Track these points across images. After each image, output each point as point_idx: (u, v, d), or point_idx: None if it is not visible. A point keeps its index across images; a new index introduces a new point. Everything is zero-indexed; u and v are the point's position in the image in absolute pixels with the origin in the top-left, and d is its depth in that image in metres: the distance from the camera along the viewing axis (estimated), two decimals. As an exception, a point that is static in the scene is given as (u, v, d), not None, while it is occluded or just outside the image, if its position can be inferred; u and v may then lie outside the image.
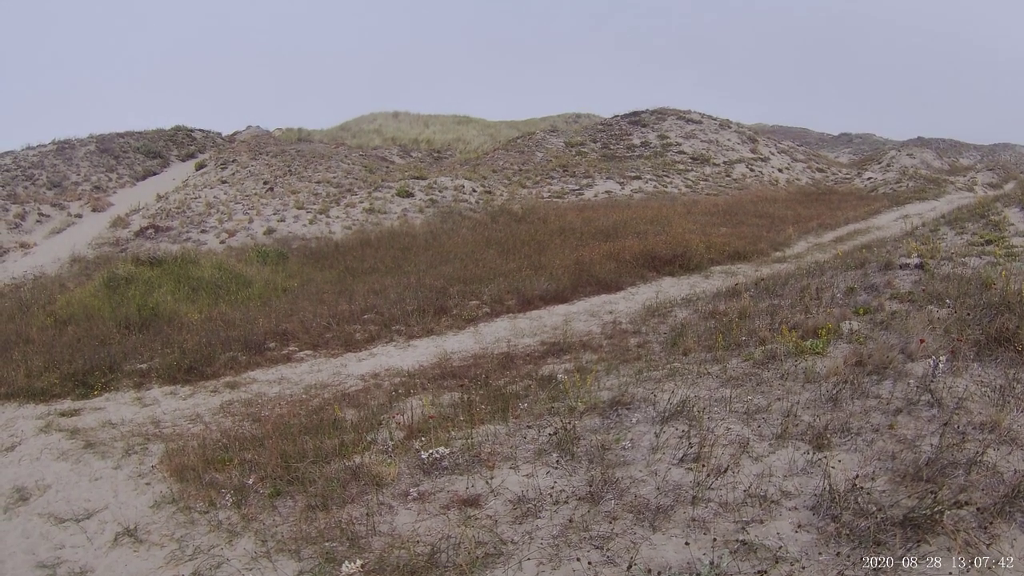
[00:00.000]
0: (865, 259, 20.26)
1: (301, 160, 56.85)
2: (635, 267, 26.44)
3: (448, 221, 39.86)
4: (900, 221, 37.78)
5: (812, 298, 16.73)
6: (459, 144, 76.06)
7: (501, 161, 61.48)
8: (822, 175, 68.51)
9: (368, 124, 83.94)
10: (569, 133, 74.98)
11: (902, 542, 6.84)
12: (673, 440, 9.43)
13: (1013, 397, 10.08)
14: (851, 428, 9.48)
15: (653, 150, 65.13)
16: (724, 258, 29.15)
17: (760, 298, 18.28)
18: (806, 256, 29.54)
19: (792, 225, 37.13)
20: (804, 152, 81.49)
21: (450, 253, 30.78)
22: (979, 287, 14.98)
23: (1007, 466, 8.24)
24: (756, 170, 63.35)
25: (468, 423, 11.28)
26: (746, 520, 7.51)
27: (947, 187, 56.57)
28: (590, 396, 11.43)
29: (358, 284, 26.02)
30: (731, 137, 70.65)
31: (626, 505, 7.93)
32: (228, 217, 41.67)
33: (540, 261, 27.56)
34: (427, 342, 19.33)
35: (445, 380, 15.51)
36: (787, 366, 12.05)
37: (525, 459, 9.41)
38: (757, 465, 8.67)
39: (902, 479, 8.00)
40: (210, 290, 25.57)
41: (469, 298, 22.85)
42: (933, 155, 79.01)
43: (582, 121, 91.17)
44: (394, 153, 69.78)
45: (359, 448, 10.97)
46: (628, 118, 74.97)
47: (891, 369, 11.23)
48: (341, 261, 31.15)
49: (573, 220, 36.78)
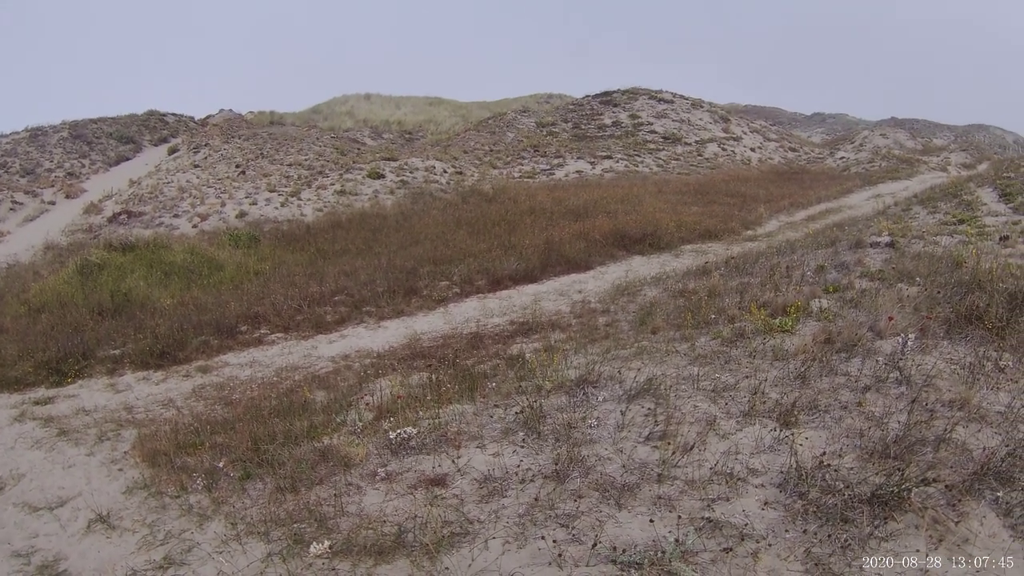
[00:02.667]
0: (836, 238, 20.47)
1: (273, 143, 56.74)
2: (605, 246, 26.48)
3: (419, 202, 39.85)
4: (872, 200, 37.89)
5: (782, 276, 16.72)
6: (431, 125, 75.92)
7: (472, 142, 61.39)
8: (794, 154, 68.61)
9: (340, 106, 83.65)
10: (540, 113, 74.90)
11: (869, 519, 6.87)
12: (639, 418, 9.46)
13: (983, 375, 10.17)
14: (819, 405, 9.51)
15: (624, 130, 64.95)
16: (695, 237, 29.17)
17: (730, 276, 18.25)
18: (777, 235, 29.55)
19: (764, 204, 37.18)
20: (777, 132, 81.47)
21: (421, 234, 30.73)
22: (950, 266, 15.11)
23: (976, 443, 8.29)
24: (728, 149, 63.39)
25: (436, 403, 11.30)
26: (712, 498, 7.52)
27: (920, 167, 56.80)
28: (557, 375, 11.43)
29: (329, 266, 26.01)
30: (703, 117, 70.57)
31: (592, 483, 7.93)
32: (200, 201, 41.51)
33: (510, 241, 27.57)
34: (397, 323, 19.40)
35: (415, 361, 15.57)
36: (755, 344, 12.07)
37: (492, 438, 9.43)
38: (724, 443, 8.69)
39: (870, 456, 8.04)
40: (182, 275, 25.55)
41: (439, 279, 22.92)
42: (906, 135, 79.07)
43: (554, 101, 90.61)
44: (366, 135, 69.65)
45: (328, 430, 11.01)
46: (599, 98, 74.90)
47: (860, 347, 11.27)
48: (312, 243, 31.07)
49: (544, 200, 36.80)
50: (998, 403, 9.37)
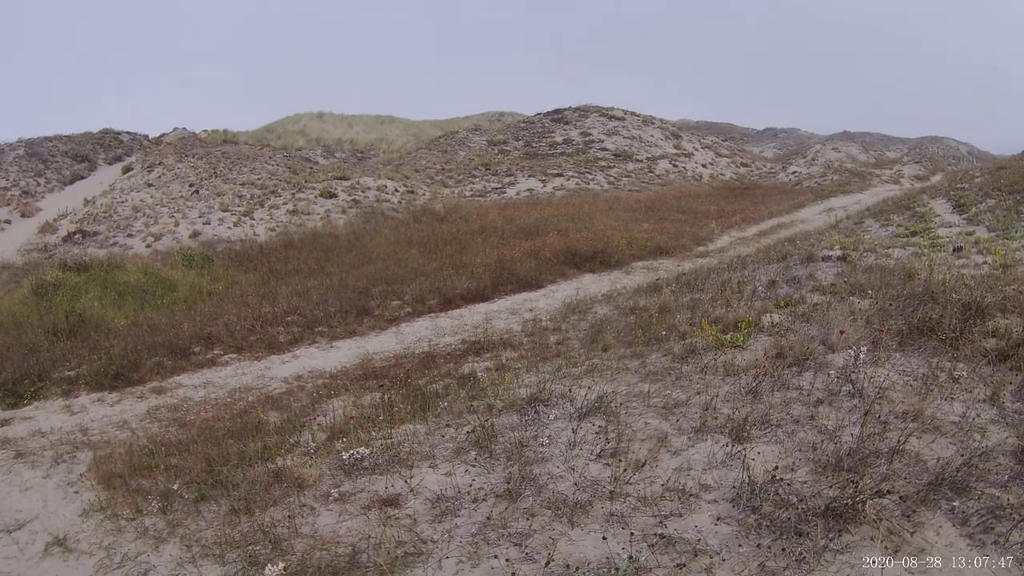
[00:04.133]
0: (787, 252, 20.52)
1: (226, 162, 56.60)
2: (556, 264, 26.49)
3: (371, 221, 39.78)
4: (824, 214, 38.18)
5: (733, 292, 16.77)
6: (383, 144, 76.37)
7: (424, 160, 61.53)
8: (746, 170, 69.20)
9: (293, 125, 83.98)
10: (492, 131, 75.10)
11: (824, 532, 6.91)
12: (591, 436, 9.46)
13: (936, 385, 10.25)
14: (771, 420, 9.56)
15: (576, 147, 65.26)
16: (646, 254, 29.18)
17: (681, 293, 18.33)
18: (729, 250, 29.60)
19: (715, 220, 37.29)
20: (728, 147, 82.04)
21: (373, 253, 30.69)
22: (902, 278, 15.19)
23: (930, 454, 8.37)
24: (679, 166, 63.79)
25: (388, 423, 11.27)
26: (665, 514, 7.54)
27: (872, 180, 57.24)
28: (509, 394, 11.42)
29: (282, 286, 25.88)
30: (654, 133, 71.00)
31: (544, 501, 7.95)
32: (154, 220, 41.39)
33: (462, 260, 27.55)
34: (350, 343, 19.36)
35: (367, 381, 15.53)
36: (706, 360, 12.08)
37: (444, 457, 9.41)
38: (676, 459, 8.72)
39: (823, 469, 8.08)
40: (136, 295, 25.32)
41: (391, 298, 22.88)
42: (859, 149, 79.72)
43: (505, 119, 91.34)
44: (318, 154, 69.96)
45: (282, 451, 10.96)
46: (551, 116, 75.20)
47: (812, 360, 11.33)
48: (265, 263, 30.89)
49: (495, 219, 36.76)
50: (952, 413, 9.44)
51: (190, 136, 77.85)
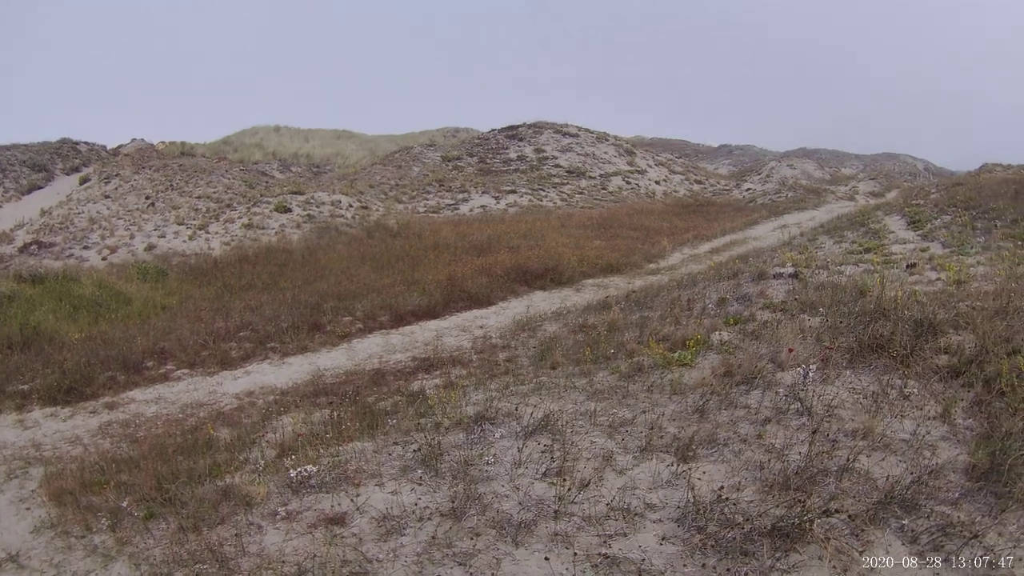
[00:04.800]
0: (738, 269, 20.48)
1: (183, 175, 56.08)
2: (507, 281, 26.53)
3: (325, 237, 39.65)
4: (778, 231, 38.37)
5: (683, 309, 16.82)
6: (338, 159, 76.12)
7: (378, 176, 61.52)
8: (700, 187, 69.20)
9: (250, 138, 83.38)
10: (446, 147, 75.16)
11: (770, 552, 6.93)
12: (536, 454, 9.44)
13: (887, 403, 10.28)
14: (718, 439, 9.57)
15: (529, 164, 65.36)
16: (597, 271, 29.26)
17: (630, 311, 18.35)
18: (680, 268, 29.67)
19: (667, 237, 37.43)
20: (682, 164, 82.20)
21: (326, 269, 30.65)
22: (854, 295, 15.16)
23: (880, 472, 8.39)
24: (633, 183, 63.90)
25: (336, 441, 11.20)
26: (609, 534, 7.54)
27: (827, 197, 57.28)
28: (456, 412, 11.39)
29: (235, 301, 25.76)
30: (608, 150, 71.20)
31: (489, 521, 7.93)
32: (110, 233, 41.07)
33: (414, 276, 27.56)
34: (301, 359, 19.28)
35: (318, 397, 15.49)
36: (654, 378, 12.09)
37: (391, 476, 9.36)
38: (621, 478, 8.71)
39: (770, 488, 8.11)
40: (91, 308, 25.11)
41: (343, 314, 22.84)
42: (814, 166, 79.71)
43: (460, 135, 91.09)
44: (274, 168, 69.48)
45: (231, 468, 10.90)
46: (505, 132, 75.21)
47: (760, 379, 11.32)
48: (219, 277, 30.77)
49: (447, 235, 36.82)
50: (903, 431, 9.47)
51: (148, 147, 77.01)
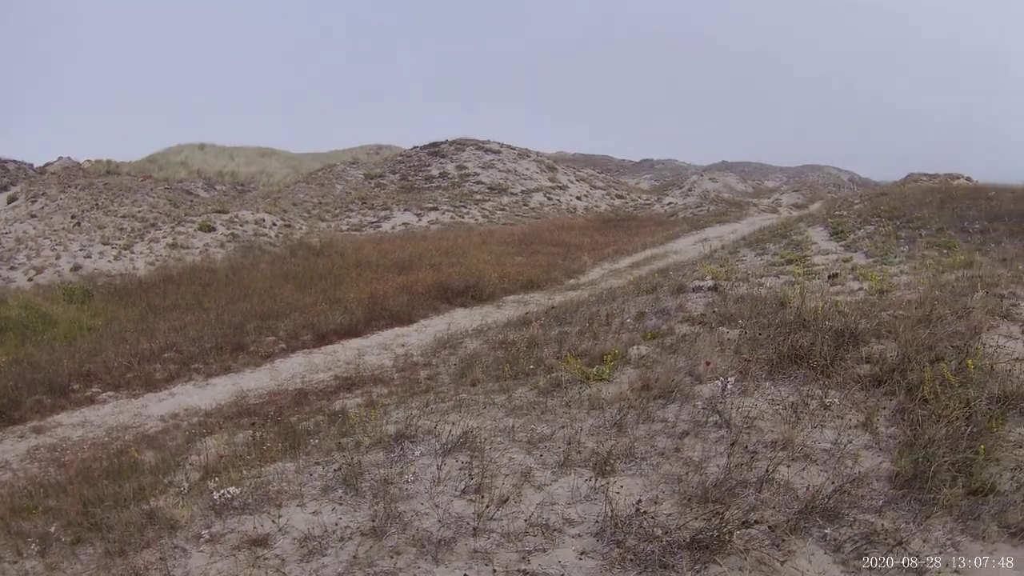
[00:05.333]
0: (657, 283, 20.74)
1: (108, 193, 55.35)
2: (428, 299, 26.73)
3: (248, 256, 39.48)
4: (699, 245, 38.72)
5: (601, 324, 16.92)
6: (263, 176, 76.37)
7: (302, 194, 61.69)
8: (621, 201, 69.91)
9: (175, 156, 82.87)
10: (369, 165, 75.61)
11: (690, 564, 6.96)
12: (455, 472, 9.44)
13: (807, 413, 10.36)
14: (636, 453, 9.60)
15: (451, 181, 65.84)
16: (517, 288, 29.55)
17: (550, 326, 18.45)
18: (600, 283, 29.92)
19: (588, 252, 37.85)
20: (604, 179, 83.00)
21: (249, 288, 30.43)
22: (774, 306, 15.30)
23: (801, 482, 8.46)
24: (554, 199, 64.60)
25: (259, 461, 11.16)
26: (528, 549, 7.55)
27: (750, 210, 58.12)
28: (377, 430, 11.36)
29: (159, 322, 25.45)
30: (530, 166, 71.75)
31: (409, 539, 7.91)
32: (36, 253, 40.47)
33: (336, 295, 27.63)
34: (225, 380, 19.20)
35: (241, 418, 15.42)
36: (572, 394, 12.10)
37: (312, 496, 9.30)
38: (539, 494, 8.72)
39: (689, 501, 8.14)
40: (17, 330, 24.81)
41: (266, 334, 22.79)
42: (736, 179, 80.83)
43: (383, 152, 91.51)
44: (199, 186, 69.03)
45: (156, 491, 10.78)
46: (427, 149, 75.61)
47: (678, 392, 11.37)
48: (144, 298, 30.29)
49: (370, 253, 36.98)
50: (824, 440, 9.55)
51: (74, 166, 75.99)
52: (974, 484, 8.14)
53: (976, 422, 9.33)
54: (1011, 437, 9.32)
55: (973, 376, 10.54)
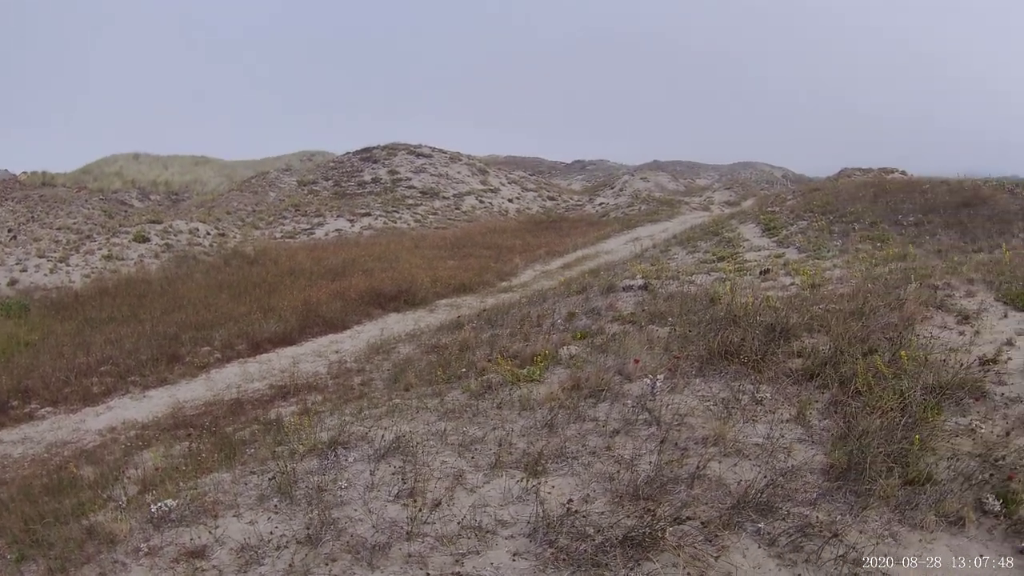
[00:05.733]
0: (588, 284, 20.76)
1: (44, 206, 54.34)
2: (362, 305, 26.74)
3: (183, 266, 39.11)
4: (630, 244, 39.04)
5: (532, 326, 17.03)
6: (197, 185, 75.17)
7: (236, 202, 61.18)
8: (553, 203, 70.19)
9: (109, 166, 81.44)
10: (302, 172, 75.23)
11: (623, 562, 7.01)
12: (388, 476, 9.44)
13: (739, 409, 10.49)
14: (567, 452, 9.63)
15: (384, 186, 65.75)
16: (450, 291, 29.68)
17: (482, 329, 18.53)
18: (532, 284, 30.13)
19: (520, 254, 38.08)
20: (535, 181, 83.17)
21: (184, 299, 30.10)
22: (705, 303, 15.41)
23: (733, 477, 8.57)
24: (486, 202, 64.73)
25: (195, 473, 11.12)
26: (462, 552, 7.59)
27: (682, 208, 58.43)
28: (311, 438, 11.30)
29: (96, 335, 25.12)
30: (461, 170, 71.70)
31: (344, 545, 7.93)
32: (-27, 268, 39.92)
33: (270, 303, 27.44)
34: (162, 391, 19.09)
35: (178, 430, 15.37)
36: (503, 395, 12.11)
37: (248, 506, 9.28)
38: (472, 496, 8.76)
39: (620, 499, 8.20)
40: (-45, 348, 24.47)
41: (202, 344, 22.66)
42: (668, 178, 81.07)
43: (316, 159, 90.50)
44: (134, 196, 67.78)
45: (95, 506, 10.64)
46: (360, 154, 75.54)
47: (608, 391, 11.43)
48: (80, 311, 29.87)
49: (303, 260, 36.84)
50: (756, 435, 9.69)
51: (11, 178, 74.78)
52: (910, 474, 8.29)
53: (911, 413, 9.48)
54: (947, 426, 9.56)
55: (907, 367, 10.71)
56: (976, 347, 12.14)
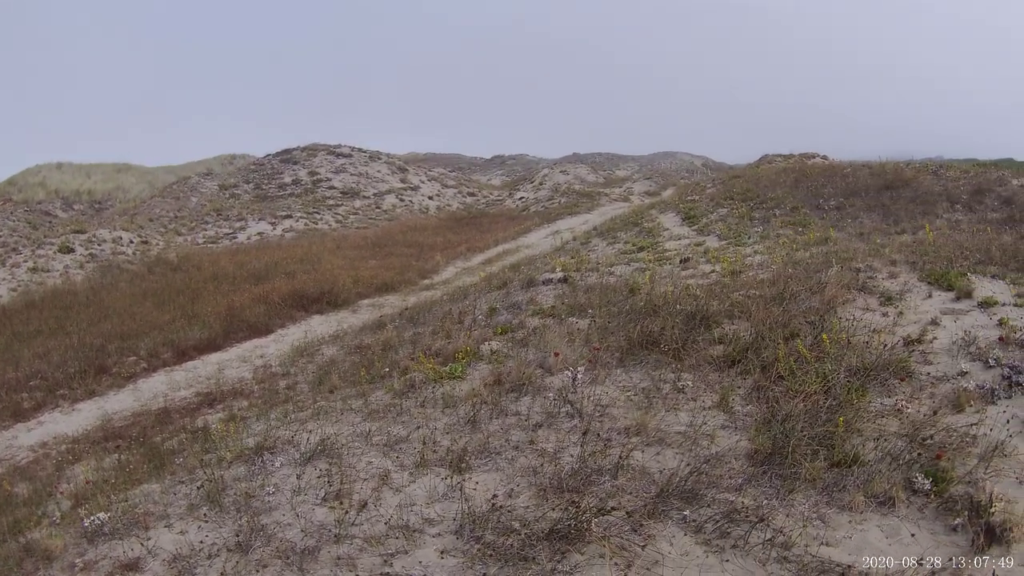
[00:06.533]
0: (508, 279, 20.94)
1: (-31, 219, 53.73)
2: (285, 308, 26.69)
3: (108, 275, 38.51)
4: (551, 237, 39.05)
5: (454, 323, 17.05)
6: (119, 193, 74.33)
7: (158, 209, 60.42)
8: (473, 199, 70.33)
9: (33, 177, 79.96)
10: (223, 175, 74.57)
11: (550, 555, 7.04)
12: (315, 480, 9.44)
13: (660, 398, 10.58)
14: (491, 448, 9.68)
15: (304, 187, 65.30)
16: (372, 291, 29.77)
17: (404, 328, 18.62)
18: (454, 281, 30.31)
19: (441, 252, 38.18)
20: (455, 178, 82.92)
21: (110, 309, 29.76)
22: (624, 294, 15.50)
23: (657, 466, 8.65)
24: (406, 200, 64.62)
25: (125, 485, 11.06)
26: (391, 552, 7.61)
27: (601, 200, 58.19)
28: (238, 444, 11.32)
29: (24, 349, 24.80)
30: (381, 169, 71.51)
31: (274, 551, 7.92)
32: (-95, 285, 39.11)
33: (194, 310, 27.28)
34: (90, 404, 18.90)
35: (107, 442, 15.36)
36: (426, 393, 12.13)
37: (178, 515, 9.22)
38: (398, 496, 8.77)
39: (545, 493, 8.24)
40: None
41: (128, 354, 22.39)
42: (588, 170, 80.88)
43: (237, 162, 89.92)
44: (58, 207, 67.48)
45: (31, 523, 10.63)
46: (280, 156, 74.88)
47: (529, 385, 11.48)
48: (8, 325, 29.32)
49: (226, 265, 36.53)
50: (678, 423, 9.76)
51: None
52: (837, 456, 8.34)
53: (835, 395, 9.58)
54: (873, 408, 9.64)
55: (830, 350, 10.80)
56: (900, 328, 12.31)
